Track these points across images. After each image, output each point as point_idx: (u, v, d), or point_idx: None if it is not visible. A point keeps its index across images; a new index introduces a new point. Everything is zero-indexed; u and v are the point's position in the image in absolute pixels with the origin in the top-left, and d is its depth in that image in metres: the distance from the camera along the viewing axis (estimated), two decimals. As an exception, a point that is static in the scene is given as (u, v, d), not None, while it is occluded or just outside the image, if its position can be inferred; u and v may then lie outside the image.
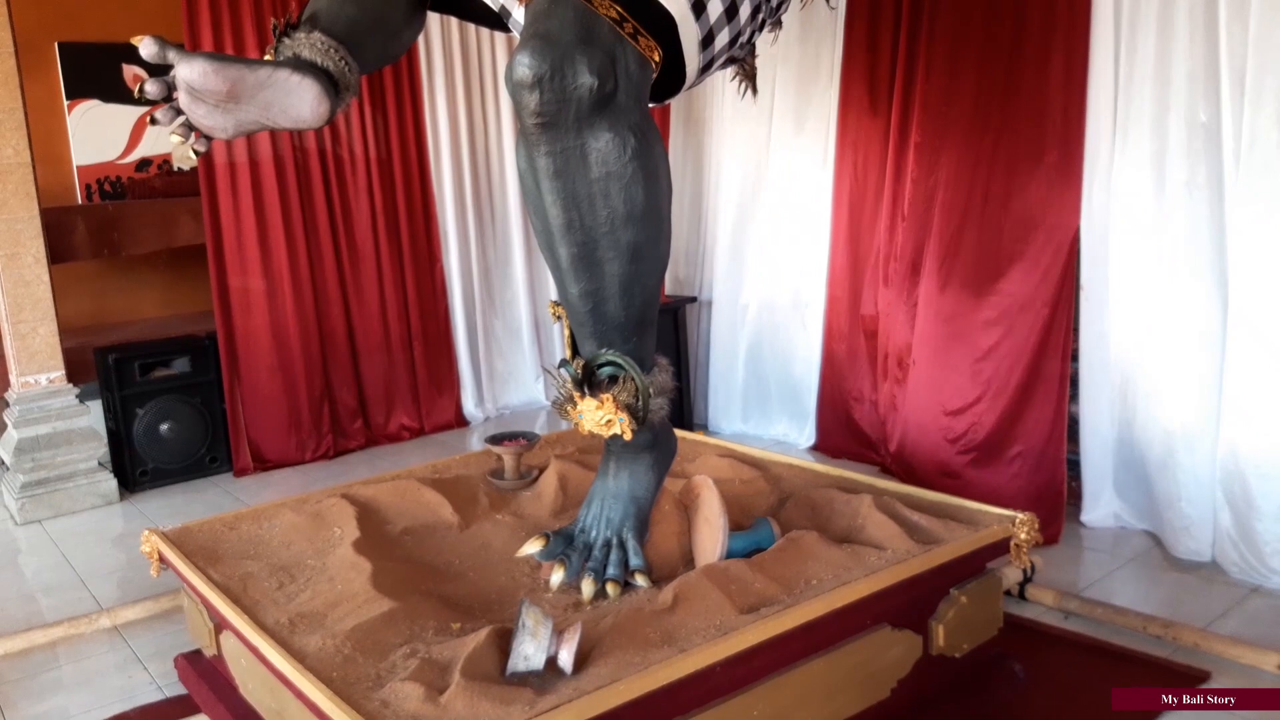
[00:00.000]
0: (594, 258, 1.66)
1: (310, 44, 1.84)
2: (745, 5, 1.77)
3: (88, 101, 5.23)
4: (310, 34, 1.85)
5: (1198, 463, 2.92)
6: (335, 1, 1.96)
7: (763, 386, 4.37)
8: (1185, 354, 2.94)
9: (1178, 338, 2.95)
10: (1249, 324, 2.78)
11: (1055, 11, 3.06)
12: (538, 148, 1.58)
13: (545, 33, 1.50)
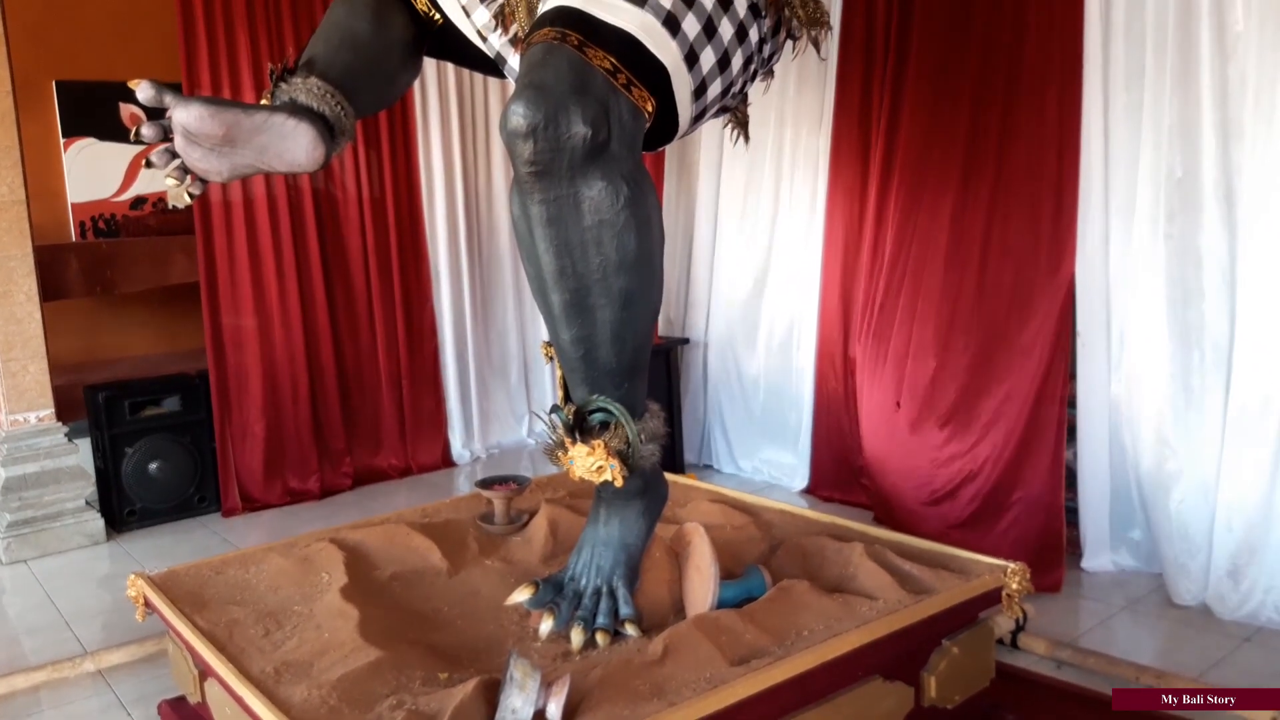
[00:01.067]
0: (586, 304, 1.66)
1: (307, 89, 1.85)
2: (737, 56, 1.79)
3: (84, 139, 5.26)
4: (307, 79, 1.86)
5: (1196, 507, 2.93)
6: (332, 47, 1.98)
7: (755, 428, 4.36)
8: (1183, 399, 2.95)
9: (1175, 383, 2.96)
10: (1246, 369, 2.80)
11: (1049, 62, 3.10)
12: (531, 196, 1.59)
13: (540, 83, 1.51)
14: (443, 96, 4.71)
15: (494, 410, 5.08)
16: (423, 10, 2.15)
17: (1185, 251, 2.90)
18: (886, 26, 3.56)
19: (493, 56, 2.15)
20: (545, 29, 1.57)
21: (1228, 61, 2.80)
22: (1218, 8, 2.81)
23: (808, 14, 1.86)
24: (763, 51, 1.90)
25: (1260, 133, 2.75)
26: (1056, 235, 3.11)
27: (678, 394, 4.57)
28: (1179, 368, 2.96)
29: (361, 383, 4.61)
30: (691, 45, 1.67)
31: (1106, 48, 3.03)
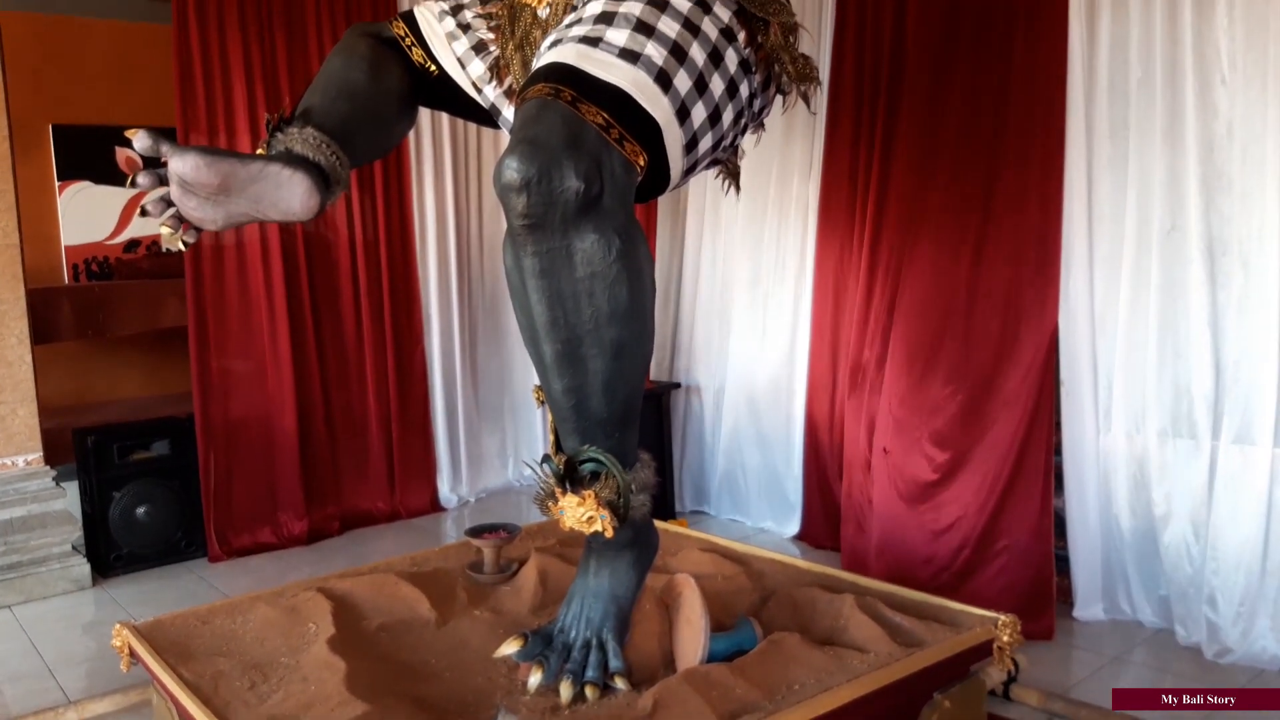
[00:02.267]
0: (577, 355, 1.66)
1: (303, 139, 1.86)
2: (728, 111, 1.81)
3: (79, 183, 5.29)
4: (303, 129, 1.87)
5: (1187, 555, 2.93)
6: (329, 98, 1.99)
7: (747, 474, 4.36)
8: (1171, 449, 2.97)
9: (1164, 432, 2.98)
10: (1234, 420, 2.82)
11: (1032, 114, 3.15)
12: (524, 248, 1.59)
13: (533, 138, 1.52)
14: (437, 142, 4.75)
15: (482, 454, 5.07)
16: (419, 62, 2.17)
17: (1173, 303, 2.93)
18: (875, 80, 3.62)
19: (487, 107, 2.18)
20: (539, 84, 1.59)
21: (1214, 114, 2.85)
22: (1202, 61, 2.87)
23: (797, 70, 1.88)
24: (753, 106, 1.92)
25: (1249, 186, 2.80)
26: (1040, 285, 3.14)
27: (669, 439, 4.57)
28: (1167, 417, 2.98)
29: (351, 426, 4.59)
30: (683, 101, 1.69)
31: (1089, 100, 3.08)
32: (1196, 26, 2.87)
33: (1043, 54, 3.12)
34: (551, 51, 1.65)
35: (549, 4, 1.99)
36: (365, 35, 2.16)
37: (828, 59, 3.78)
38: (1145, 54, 2.98)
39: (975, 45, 3.28)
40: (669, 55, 1.65)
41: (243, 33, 4.17)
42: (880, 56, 3.58)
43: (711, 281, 4.46)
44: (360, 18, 4.42)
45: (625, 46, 1.62)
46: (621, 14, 1.66)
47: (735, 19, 1.79)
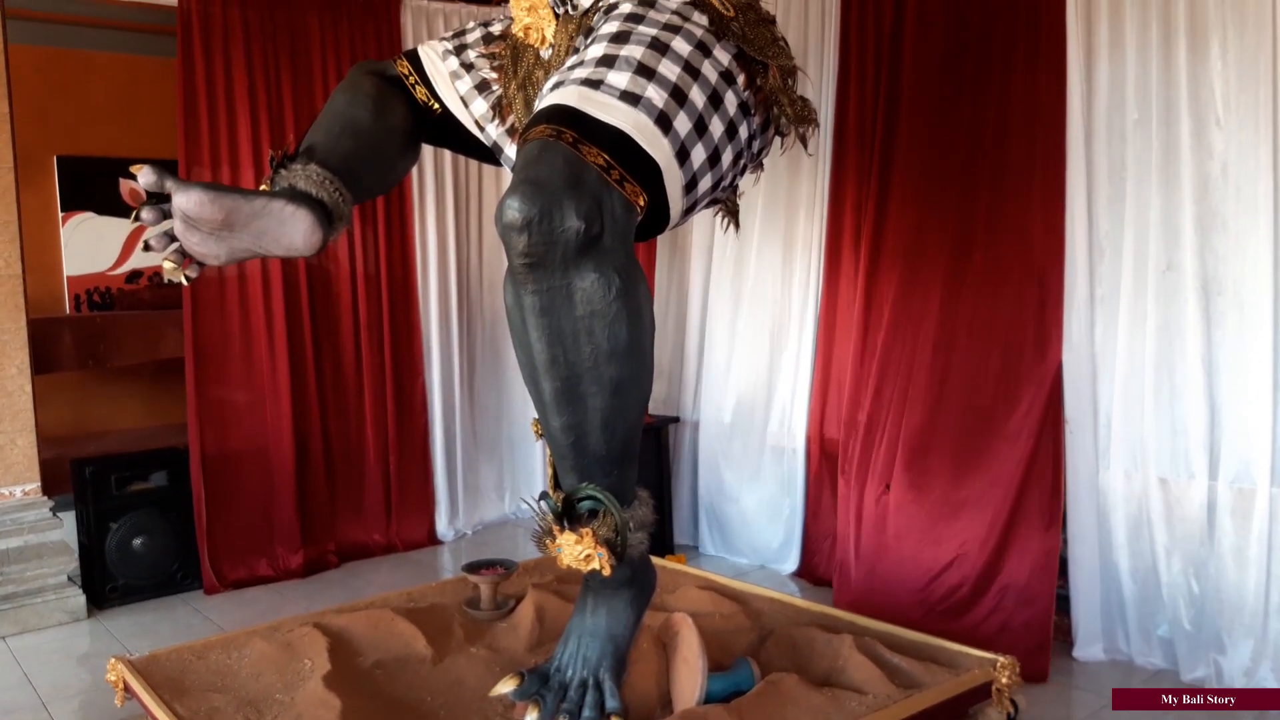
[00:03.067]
0: (577, 392, 1.67)
1: (306, 175, 1.87)
2: (728, 152, 1.83)
3: (82, 214, 5.32)
4: (307, 166, 1.89)
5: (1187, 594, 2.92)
6: (333, 135, 2.01)
7: (746, 509, 4.35)
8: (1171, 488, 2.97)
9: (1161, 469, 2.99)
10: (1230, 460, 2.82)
11: (1032, 155, 3.19)
12: (525, 286, 1.61)
13: (535, 178, 1.54)
14: (439, 177, 4.79)
15: (480, 487, 5.07)
16: (422, 100, 2.20)
17: (1170, 341, 2.95)
18: (876, 120, 3.65)
19: (489, 145, 2.20)
20: (541, 126, 1.61)
21: (1209, 155, 2.89)
22: (1197, 102, 2.90)
23: (795, 112, 1.90)
24: (752, 147, 1.94)
25: (1243, 225, 2.82)
26: (1042, 323, 3.15)
27: (668, 473, 4.57)
28: (1165, 456, 2.99)
29: (349, 458, 4.59)
30: (683, 142, 1.70)
31: (1089, 140, 3.12)
32: (1191, 68, 2.91)
33: (1042, 95, 3.15)
34: (554, 93, 1.67)
35: (551, 45, 2.02)
36: (370, 73, 2.19)
37: (831, 99, 3.82)
38: (1142, 95, 3.02)
39: (975, 87, 3.31)
40: (669, 98, 1.67)
41: (248, 67, 4.21)
42: (882, 97, 3.62)
43: (712, 316, 4.47)
44: (365, 55, 4.46)
45: (626, 89, 1.64)
46: (623, 57, 1.68)
47: (735, 62, 1.81)
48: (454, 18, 4.79)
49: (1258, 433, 2.79)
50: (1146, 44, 2.99)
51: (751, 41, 1.83)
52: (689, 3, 1.83)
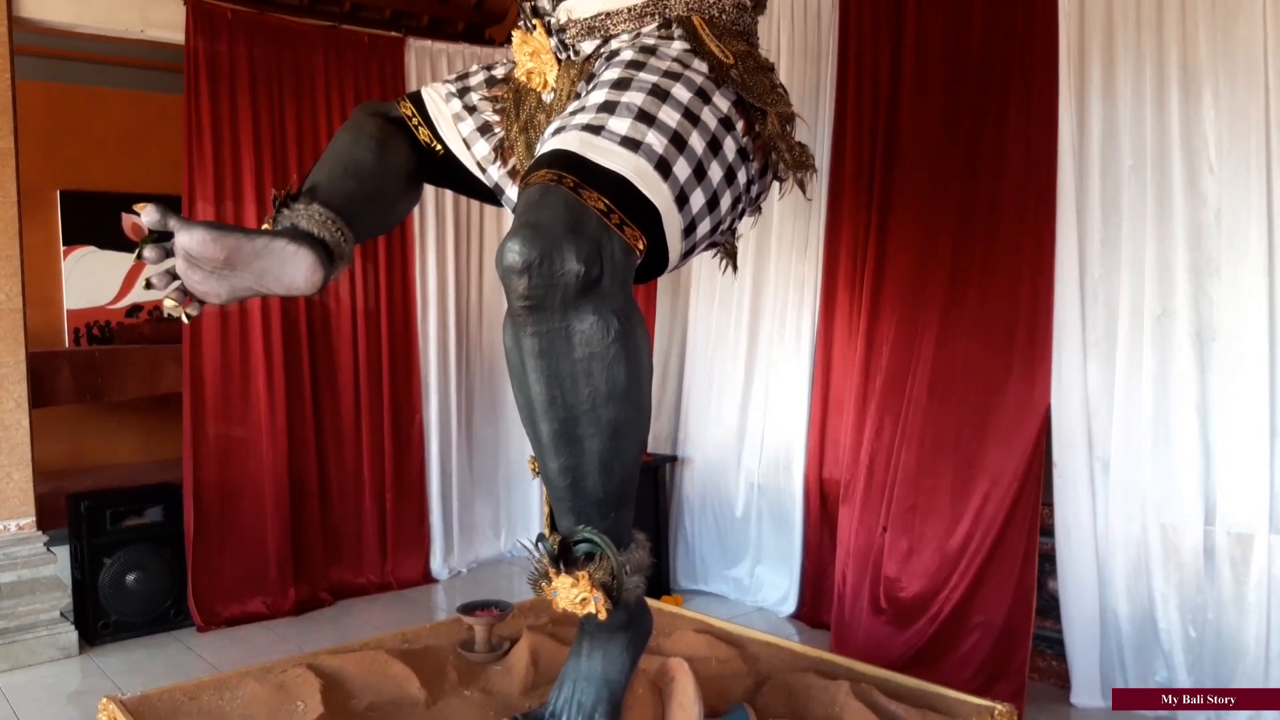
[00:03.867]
0: (574, 434, 1.67)
1: (308, 215, 1.89)
2: (726, 197, 1.84)
3: (84, 248, 5.34)
4: (309, 206, 1.90)
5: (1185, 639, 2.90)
6: (336, 175, 2.03)
7: (745, 550, 4.34)
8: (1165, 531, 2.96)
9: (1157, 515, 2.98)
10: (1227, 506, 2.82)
11: (1024, 199, 3.22)
12: (524, 329, 1.61)
13: (536, 222, 1.55)
14: (439, 216, 4.82)
15: (475, 525, 5.05)
16: (425, 141, 2.22)
17: (1165, 387, 2.96)
18: (872, 162, 3.69)
19: (491, 187, 2.21)
20: (543, 171, 1.62)
21: (1202, 202, 2.91)
22: (1190, 150, 2.94)
23: (794, 158, 1.92)
24: (750, 192, 1.95)
25: (1236, 272, 2.84)
26: (1030, 365, 3.17)
27: (665, 512, 4.55)
28: (1161, 502, 2.98)
29: (344, 495, 4.58)
30: (682, 187, 1.72)
31: (1081, 185, 3.15)
32: (1184, 116, 2.95)
33: (1034, 142, 3.19)
34: (555, 138, 1.69)
35: (554, 90, 2.04)
36: (373, 114, 2.21)
37: (827, 143, 3.86)
38: (1136, 142, 3.05)
39: (970, 134, 3.36)
40: (669, 144, 1.69)
41: (253, 104, 4.26)
42: (879, 144, 3.66)
43: (711, 355, 4.48)
44: (370, 93, 4.51)
45: (627, 135, 1.66)
46: (624, 103, 1.70)
47: (734, 109, 1.83)
48: (457, 58, 4.85)
49: (1254, 479, 2.79)
50: (1141, 91, 3.04)
51: (750, 89, 1.86)
52: (689, 50, 1.85)
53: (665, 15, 1.90)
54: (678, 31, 1.88)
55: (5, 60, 3.77)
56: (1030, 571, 3.10)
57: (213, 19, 4.18)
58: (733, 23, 1.95)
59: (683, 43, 1.86)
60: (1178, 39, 2.94)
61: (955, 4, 3.45)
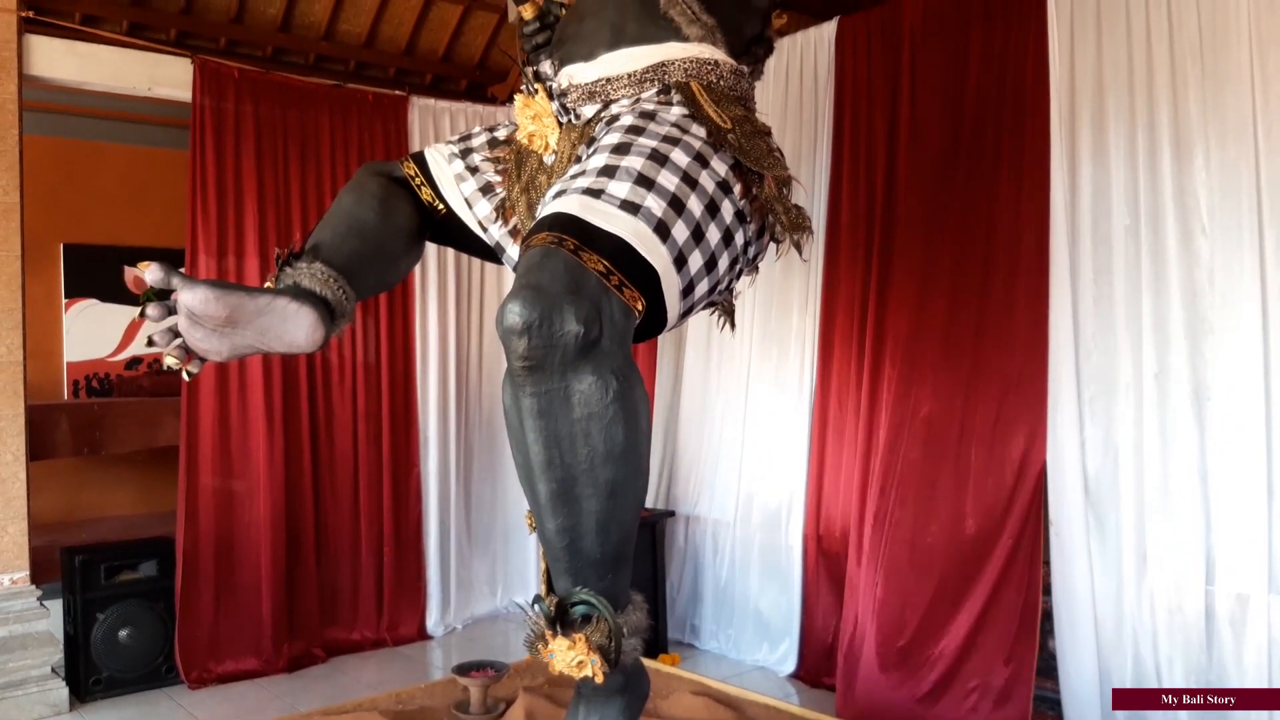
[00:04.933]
0: (572, 494, 1.67)
1: (311, 274, 1.91)
2: (724, 258, 1.87)
3: (86, 300, 5.37)
4: (312, 264, 1.92)
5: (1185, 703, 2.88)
6: (339, 234, 2.06)
7: (743, 607, 4.30)
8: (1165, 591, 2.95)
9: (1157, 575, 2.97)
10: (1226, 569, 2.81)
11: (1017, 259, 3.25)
12: (523, 389, 1.62)
13: (536, 284, 1.57)
14: (440, 272, 4.85)
15: (472, 580, 5.01)
16: (427, 200, 2.25)
17: (1163, 447, 2.96)
18: (869, 227, 3.73)
19: (492, 245, 2.24)
20: (543, 233, 1.65)
21: (1196, 262, 2.94)
22: (1183, 210, 2.97)
23: (790, 220, 1.94)
24: (748, 253, 1.98)
25: (1231, 333, 2.86)
26: (1026, 422, 3.19)
27: (662, 568, 4.52)
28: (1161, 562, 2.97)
29: (341, 550, 4.55)
30: (681, 249, 1.74)
31: (1073, 245, 3.18)
32: (1176, 177, 2.99)
33: (1027, 200, 3.24)
34: (556, 201, 1.71)
35: (555, 152, 2.08)
36: (376, 174, 2.24)
37: (824, 200, 3.90)
38: (1130, 202, 3.09)
39: (965, 191, 3.40)
40: (668, 207, 1.72)
41: (257, 161, 4.31)
42: (874, 199, 3.71)
43: (709, 410, 4.49)
44: (374, 150, 4.57)
45: (626, 198, 1.69)
46: (623, 167, 1.73)
47: (732, 172, 1.86)
48: (460, 116, 4.92)
49: (1253, 540, 2.78)
50: (1133, 153, 3.08)
51: (747, 153, 1.89)
52: (688, 115, 1.89)
53: (664, 81, 1.95)
54: (676, 97, 1.92)
55: (14, 117, 3.82)
56: (1030, 631, 3.08)
57: (219, 78, 4.25)
58: (730, 88, 1.99)
59: (681, 108, 1.90)
60: (1168, 102, 2.99)
61: (949, 66, 3.51)
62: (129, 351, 5.44)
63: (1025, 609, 3.09)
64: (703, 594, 4.47)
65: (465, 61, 5.50)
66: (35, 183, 4.44)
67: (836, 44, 3.90)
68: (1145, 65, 3.04)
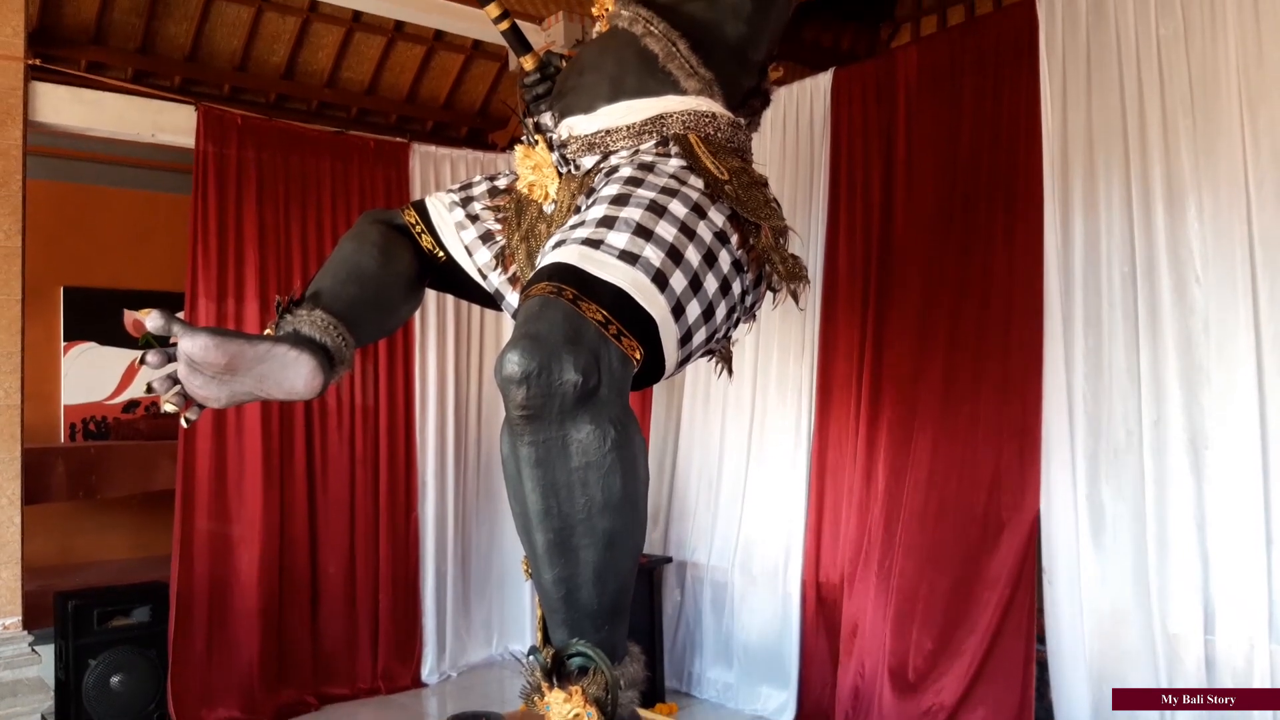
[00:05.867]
0: (570, 544, 1.67)
1: (311, 321, 1.92)
2: (721, 307, 1.88)
3: (85, 344, 5.38)
4: (312, 311, 1.94)
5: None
6: (339, 280, 2.07)
7: (741, 654, 4.27)
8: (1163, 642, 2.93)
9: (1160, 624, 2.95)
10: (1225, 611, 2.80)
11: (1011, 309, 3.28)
12: (521, 437, 1.63)
13: (535, 333, 1.58)
14: (440, 318, 4.87)
15: (469, 627, 4.97)
16: (428, 248, 2.26)
17: (1160, 496, 2.96)
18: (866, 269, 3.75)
19: (491, 292, 2.25)
20: (543, 283, 1.66)
21: (1190, 311, 2.96)
22: (1177, 261, 2.99)
23: (787, 269, 1.96)
24: (745, 301, 2.00)
25: (1226, 381, 2.87)
26: (1021, 473, 3.19)
27: (659, 615, 4.49)
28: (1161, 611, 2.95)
29: (336, 596, 4.52)
30: (678, 298, 1.76)
31: (1066, 296, 3.20)
32: (1169, 228, 3.02)
33: (1021, 251, 3.28)
34: (556, 251, 1.73)
35: (554, 201, 2.10)
36: (377, 222, 2.26)
37: (820, 247, 3.93)
38: (1124, 252, 3.11)
39: (961, 242, 3.43)
40: (666, 257, 1.74)
41: (258, 207, 4.34)
42: (871, 248, 3.74)
43: (706, 456, 4.48)
44: (375, 197, 4.61)
45: (625, 249, 1.71)
46: (622, 218, 1.75)
47: (729, 223, 1.88)
48: (460, 163, 4.96)
49: (1253, 589, 2.77)
50: (1127, 204, 3.11)
51: (744, 204, 1.91)
52: (686, 167, 1.91)
53: (663, 133, 1.97)
54: (675, 149, 1.95)
55: (18, 163, 3.85)
56: (1028, 682, 3.06)
57: (223, 124, 4.29)
58: (727, 140, 2.02)
59: (680, 160, 1.92)
60: (1161, 154, 3.03)
61: (942, 117, 3.56)
62: (126, 394, 5.44)
63: (1024, 660, 3.07)
64: (700, 642, 4.43)
65: (466, 108, 5.57)
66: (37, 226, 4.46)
67: (832, 95, 3.95)
68: (1138, 117, 3.09)
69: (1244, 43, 2.87)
